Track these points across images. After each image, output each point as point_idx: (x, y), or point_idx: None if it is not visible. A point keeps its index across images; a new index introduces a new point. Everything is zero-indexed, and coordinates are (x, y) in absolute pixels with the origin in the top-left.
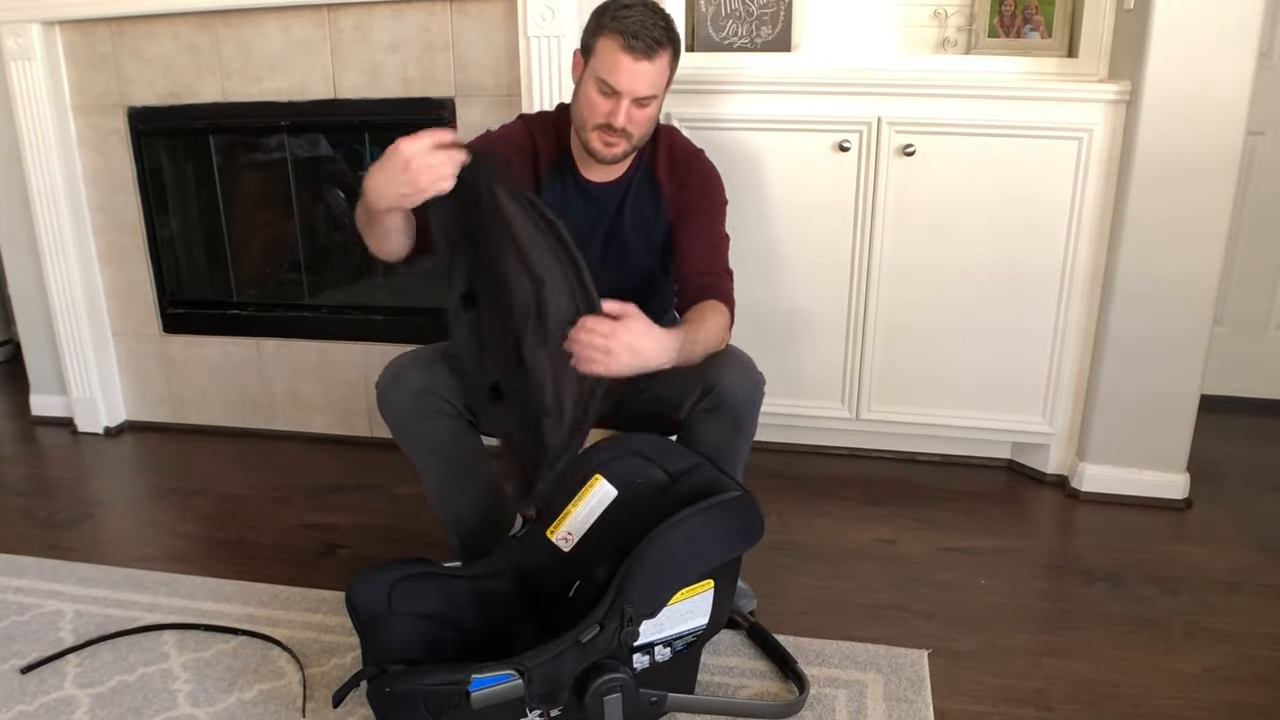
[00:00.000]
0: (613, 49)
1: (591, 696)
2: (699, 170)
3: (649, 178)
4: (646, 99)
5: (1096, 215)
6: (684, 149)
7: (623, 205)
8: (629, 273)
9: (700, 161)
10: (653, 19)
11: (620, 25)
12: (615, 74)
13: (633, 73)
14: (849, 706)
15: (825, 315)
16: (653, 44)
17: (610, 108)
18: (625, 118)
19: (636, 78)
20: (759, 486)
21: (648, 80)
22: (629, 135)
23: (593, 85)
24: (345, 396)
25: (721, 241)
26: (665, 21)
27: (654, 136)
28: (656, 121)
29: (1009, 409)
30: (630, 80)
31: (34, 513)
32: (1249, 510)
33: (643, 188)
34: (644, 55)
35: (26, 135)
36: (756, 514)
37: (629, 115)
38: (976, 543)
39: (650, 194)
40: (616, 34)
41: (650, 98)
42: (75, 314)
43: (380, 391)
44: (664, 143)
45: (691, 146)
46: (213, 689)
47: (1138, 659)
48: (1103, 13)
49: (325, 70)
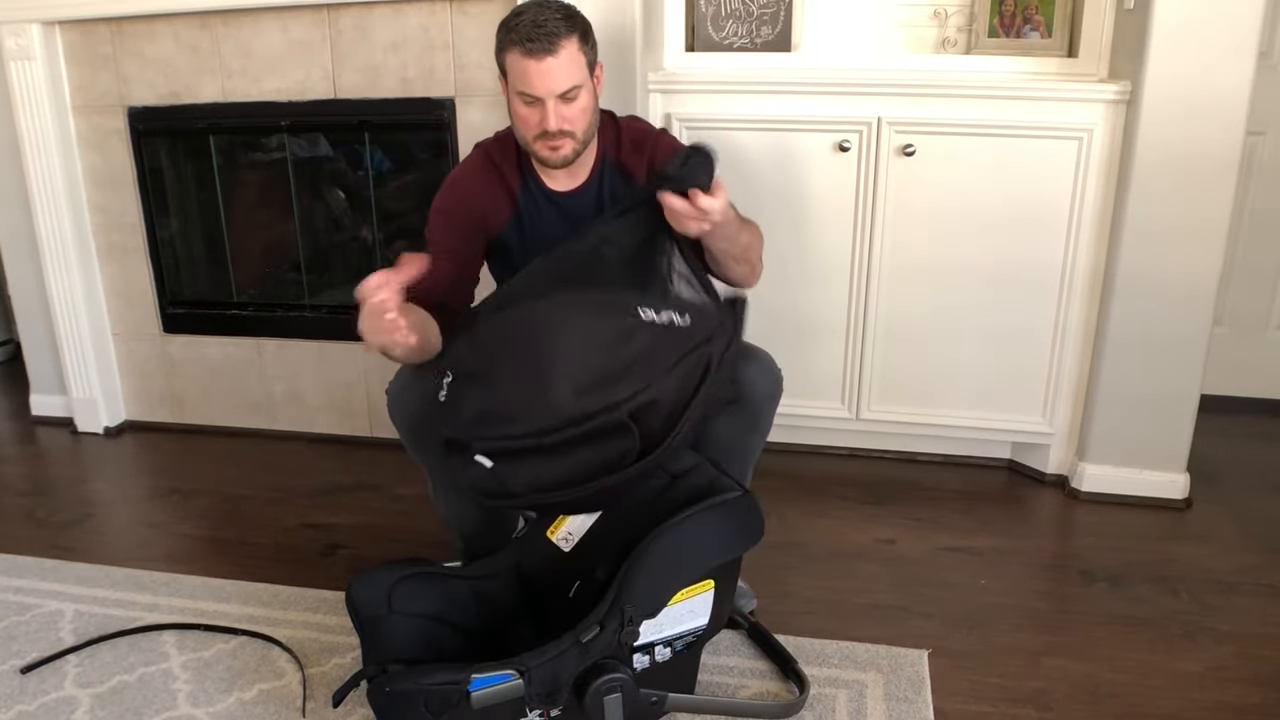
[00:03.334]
0: (517, 59)
1: (591, 696)
2: (664, 146)
3: (616, 168)
4: (569, 92)
5: (1096, 215)
6: (644, 131)
7: (601, 206)
8: None
9: (664, 139)
10: (545, 14)
11: (515, 35)
12: (527, 82)
13: (541, 73)
14: (849, 706)
15: (825, 315)
16: (550, 38)
17: (539, 115)
18: (556, 119)
19: (547, 77)
20: (759, 486)
21: (560, 74)
22: (570, 134)
23: (517, 101)
24: (345, 396)
25: None
26: (561, 10)
27: (615, 128)
28: (597, 111)
29: (1009, 409)
30: (543, 81)
31: (34, 513)
32: (1249, 510)
33: (614, 181)
34: (545, 53)
35: (26, 135)
36: (757, 514)
37: (559, 115)
38: (976, 543)
39: (624, 183)
40: (514, 45)
41: (573, 89)
42: (75, 314)
43: (393, 395)
44: (625, 133)
45: (652, 127)
46: (213, 689)
47: (1138, 659)
48: (1103, 13)
49: (325, 70)
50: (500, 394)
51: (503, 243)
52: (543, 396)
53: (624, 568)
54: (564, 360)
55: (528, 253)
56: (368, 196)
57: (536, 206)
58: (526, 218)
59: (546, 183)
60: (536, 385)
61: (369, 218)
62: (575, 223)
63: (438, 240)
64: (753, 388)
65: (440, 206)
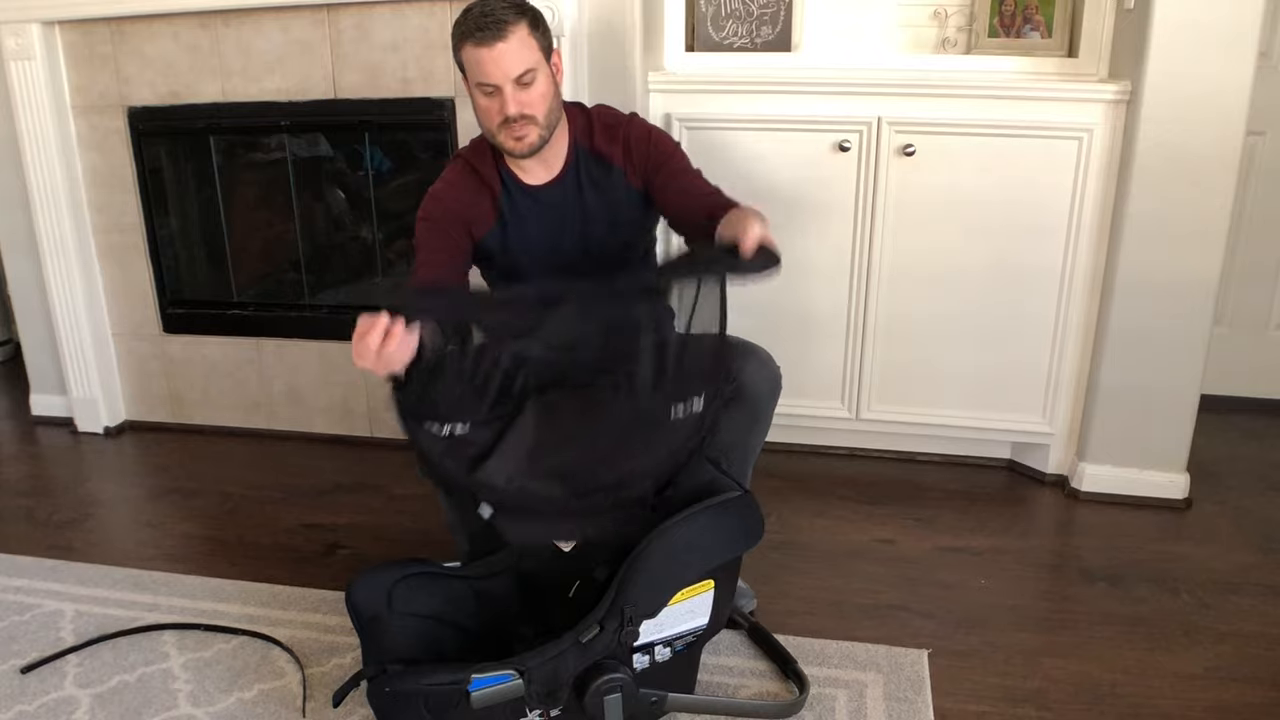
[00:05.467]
0: (471, 51)
1: (591, 696)
2: (637, 130)
3: (592, 156)
4: (524, 75)
5: (1096, 215)
6: (614, 116)
7: (581, 195)
8: (609, 257)
9: (636, 121)
10: (491, 5)
11: (465, 28)
12: (482, 70)
13: (495, 58)
14: (849, 706)
15: (825, 315)
16: (499, 24)
17: (499, 104)
18: (515, 104)
19: (500, 61)
20: (759, 486)
21: (512, 58)
22: (532, 119)
23: (477, 94)
24: (345, 396)
25: (697, 174)
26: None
27: (586, 117)
28: (558, 97)
29: (1009, 409)
30: (496, 66)
31: (34, 513)
32: (1249, 510)
33: (591, 169)
34: (495, 38)
35: (26, 135)
36: (756, 514)
37: (517, 100)
38: (976, 543)
39: (601, 170)
40: (465, 37)
41: (527, 72)
42: (75, 314)
43: None
44: (596, 121)
45: (621, 114)
46: (213, 689)
47: (1138, 659)
48: (1103, 13)
49: (325, 70)
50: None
51: (488, 245)
52: (578, 469)
53: (624, 568)
54: (602, 442)
55: (512, 253)
56: (367, 196)
57: (516, 205)
58: (509, 218)
59: (522, 178)
60: (576, 457)
61: (369, 218)
62: (555, 215)
63: (426, 248)
64: (752, 385)
65: (426, 215)
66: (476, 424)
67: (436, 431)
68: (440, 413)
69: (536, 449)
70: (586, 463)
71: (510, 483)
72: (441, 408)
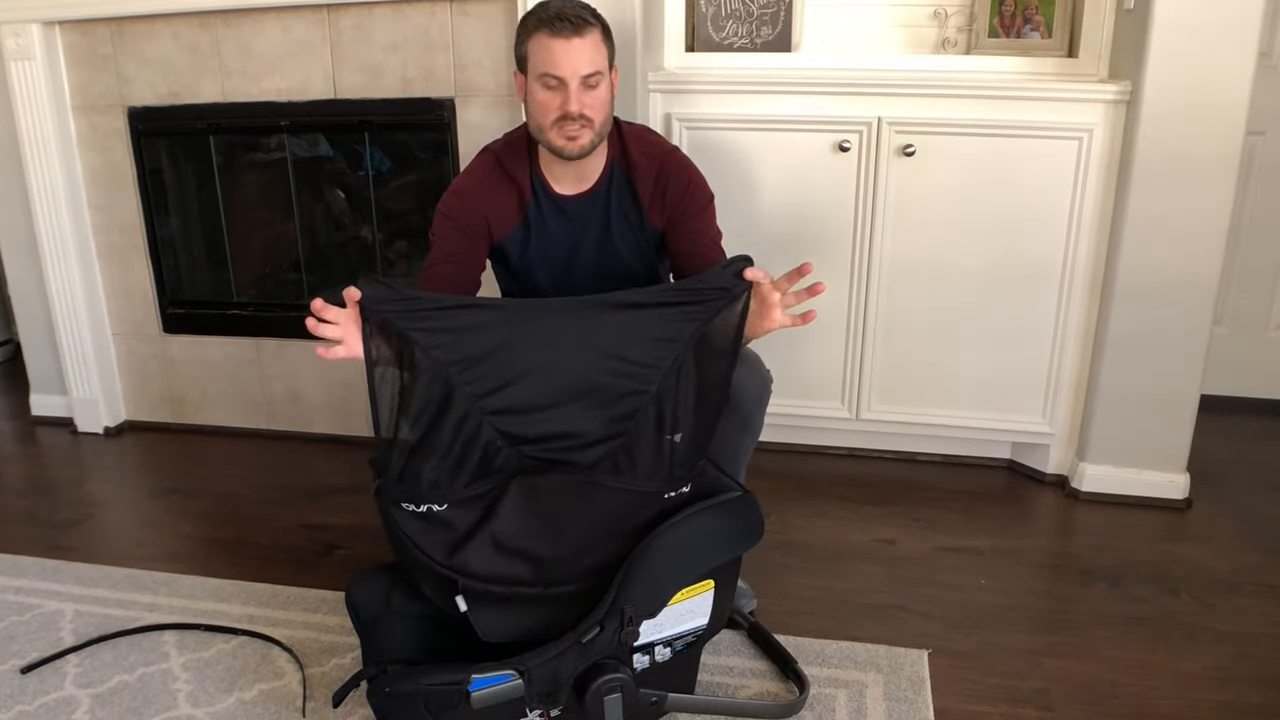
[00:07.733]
0: (543, 41)
1: (591, 696)
2: (676, 174)
3: (626, 182)
4: (591, 76)
5: (1096, 215)
6: (657, 148)
7: (608, 213)
8: (625, 280)
9: (675, 162)
10: (570, 5)
11: (542, 18)
12: (553, 61)
13: (568, 51)
14: (849, 706)
15: (825, 315)
16: (578, 21)
17: (560, 99)
18: (578, 102)
19: (573, 55)
20: (759, 486)
21: (585, 55)
22: (589, 121)
23: (538, 86)
24: (345, 396)
25: (718, 237)
26: (585, 5)
27: (623, 138)
28: (613, 108)
29: (1009, 409)
30: (568, 59)
31: (34, 513)
32: (1249, 510)
33: (623, 194)
34: (573, 33)
35: (26, 135)
36: (757, 514)
37: (580, 99)
38: (976, 543)
39: (631, 200)
40: (540, 27)
41: (595, 74)
42: (75, 314)
43: None
44: (634, 145)
45: (664, 146)
46: (213, 689)
47: (1138, 659)
48: (1103, 13)
49: (325, 70)
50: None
51: (506, 248)
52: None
53: (624, 567)
54: (587, 529)
55: (529, 258)
56: (367, 196)
57: (543, 212)
58: (533, 223)
59: (553, 186)
60: (558, 543)
61: (369, 218)
62: (578, 228)
63: (442, 243)
64: (741, 390)
65: (447, 211)
66: (455, 505)
67: (413, 510)
68: (419, 493)
69: (519, 535)
70: (570, 552)
71: (489, 567)
72: (422, 486)
